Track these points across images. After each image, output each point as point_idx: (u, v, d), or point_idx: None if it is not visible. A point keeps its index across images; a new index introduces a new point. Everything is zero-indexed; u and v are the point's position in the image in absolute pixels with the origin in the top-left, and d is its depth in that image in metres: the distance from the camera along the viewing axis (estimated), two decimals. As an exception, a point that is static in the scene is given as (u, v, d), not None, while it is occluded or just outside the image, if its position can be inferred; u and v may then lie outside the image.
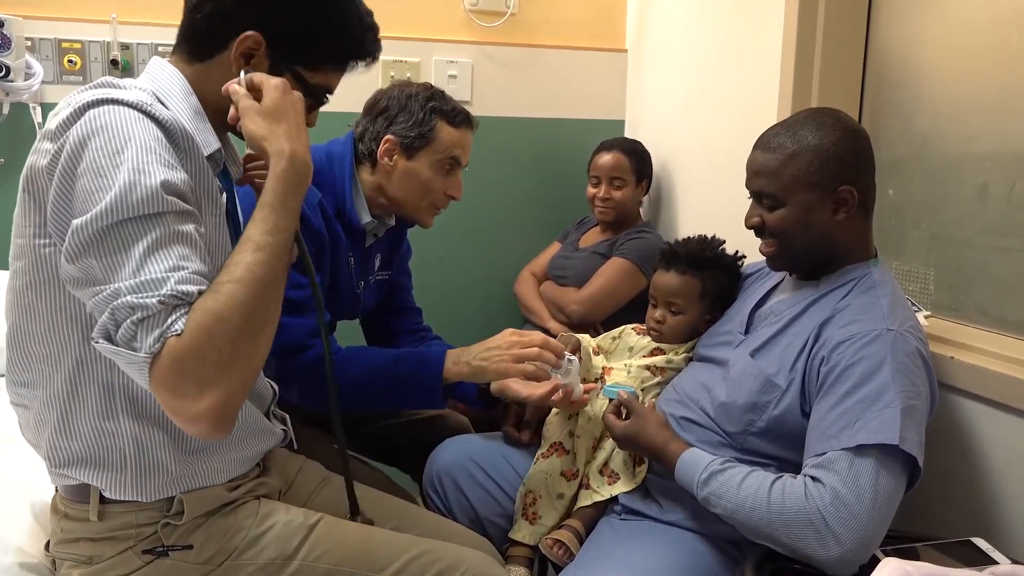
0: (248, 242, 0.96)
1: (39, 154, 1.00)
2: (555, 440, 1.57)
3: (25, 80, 2.16)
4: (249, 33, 1.07)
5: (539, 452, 1.58)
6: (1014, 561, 1.20)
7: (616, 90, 2.74)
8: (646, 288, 2.15)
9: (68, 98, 1.02)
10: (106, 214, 0.90)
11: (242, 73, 1.07)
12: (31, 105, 2.19)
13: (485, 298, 2.68)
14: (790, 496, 1.19)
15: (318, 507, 1.26)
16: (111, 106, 0.97)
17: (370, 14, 1.17)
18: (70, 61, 2.23)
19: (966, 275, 1.64)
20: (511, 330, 1.49)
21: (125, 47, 2.26)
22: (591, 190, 2.38)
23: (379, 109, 1.61)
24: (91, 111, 0.96)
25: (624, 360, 1.62)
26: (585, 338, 1.63)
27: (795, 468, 1.27)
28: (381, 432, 1.81)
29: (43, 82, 2.20)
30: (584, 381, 1.58)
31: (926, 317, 1.66)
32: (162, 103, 1.05)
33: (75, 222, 0.92)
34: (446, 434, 1.74)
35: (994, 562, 1.19)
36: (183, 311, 0.89)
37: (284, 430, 1.27)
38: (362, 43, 1.15)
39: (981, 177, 1.61)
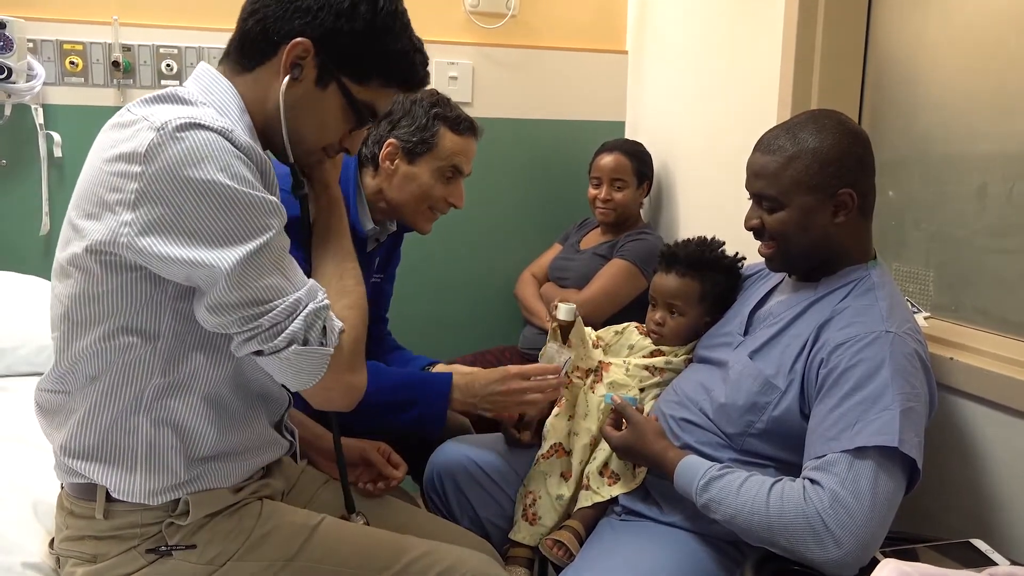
0: (349, 276, 1.17)
1: (118, 175, 0.98)
2: (555, 441, 1.57)
3: (27, 82, 2.16)
4: (299, 40, 1.07)
5: (539, 453, 1.58)
6: (1013, 562, 1.20)
7: (616, 92, 2.75)
8: (647, 289, 2.15)
9: (141, 112, 1.02)
10: (246, 242, 0.99)
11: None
12: (33, 106, 2.20)
13: (486, 299, 2.69)
14: (789, 499, 1.19)
15: (319, 508, 1.27)
16: (200, 132, 0.98)
17: (421, 43, 1.17)
18: (72, 63, 2.24)
19: (966, 276, 1.64)
20: (512, 371, 1.50)
21: (127, 49, 2.27)
22: (592, 191, 2.39)
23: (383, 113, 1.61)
24: (183, 137, 0.97)
25: (623, 357, 1.62)
26: (588, 331, 1.63)
27: (795, 470, 1.27)
28: (381, 433, 1.81)
29: (45, 83, 2.21)
30: (577, 368, 1.59)
31: (926, 318, 1.66)
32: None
33: (223, 260, 0.97)
34: (446, 435, 1.73)
35: (993, 563, 1.19)
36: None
37: (291, 442, 1.28)
38: (412, 65, 1.15)
39: (981, 178, 1.61)
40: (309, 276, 1.11)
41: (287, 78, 1.08)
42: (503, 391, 1.49)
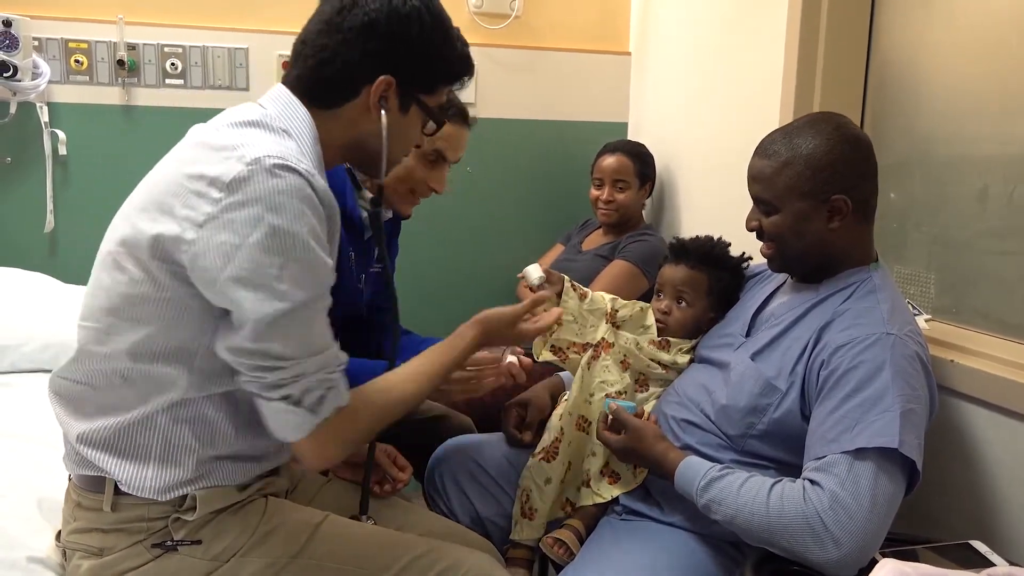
0: (426, 375, 1.22)
1: (196, 194, 1.02)
2: (546, 444, 1.57)
3: (32, 80, 2.17)
4: (384, 77, 1.13)
5: (532, 454, 1.58)
6: (1012, 563, 1.20)
7: (619, 93, 2.75)
8: (648, 291, 2.16)
9: (233, 137, 1.06)
10: (288, 299, 1.01)
11: None
12: (38, 104, 2.21)
13: (488, 300, 2.65)
14: (789, 500, 1.20)
15: (321, 506, 1.28)
16: (288, 175, 1.02)
17: (460, 33, 1.23)
18: (77, 61, 2.25)
19: (967, 278, 1.65)
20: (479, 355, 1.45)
21: (132, 47, 2.28)
22: (594, 192, 2.39)
23: None
24: (270, 177, 1.01)
25: (638, 332, 1.60)
26: (605, 297, 1.60)
27: (795, 471, 1.27)
28: (383, 433, 1.81)
29: (50, 82, 2.22)
30: (573, 344, 1.56)
31: (926, 320, 1.67)
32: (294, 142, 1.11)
33: (257, 309, 1.00)
34: (448, 435, 1.74)
35: (992, 564, 1.20)
36: (344, 379, 1.11)
37: None
38: (467, 62, 1.23)
39: (982, 180, 1.61)
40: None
41: (384, 115, 1.15)
42: (446, 388, 1.45)
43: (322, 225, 1.06)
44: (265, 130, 1.09)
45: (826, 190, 1.32)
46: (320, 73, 1.14)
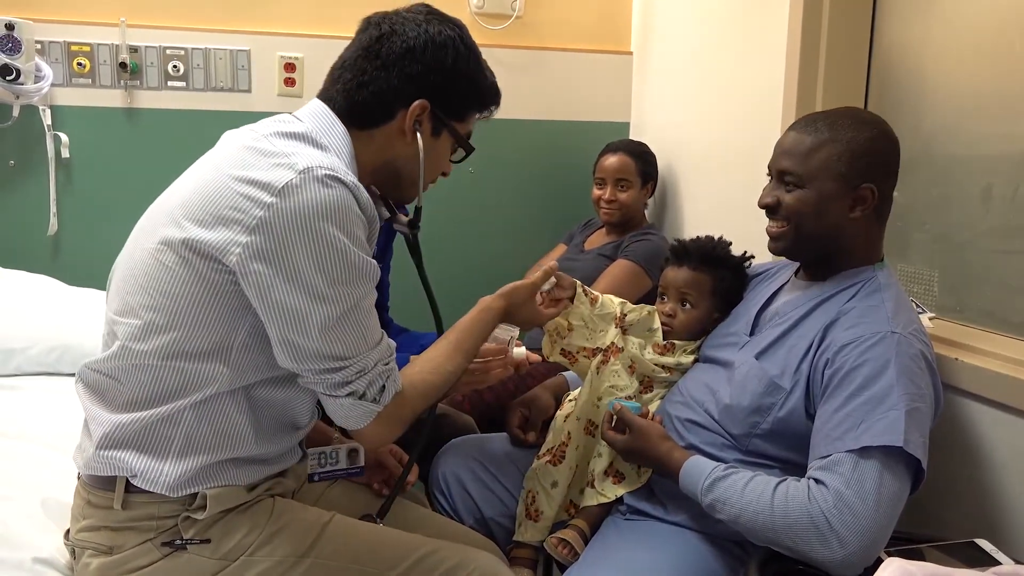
0: (461, 350, 1.28)
1: (246, 197, 1.05)
2: (552, 446, 1.57)
3: (35, 83, 2.18)
4: (419, 102, 1.19)
5: (536, 455, 1.58)
6: (1017, 562, 1.20)
7: (621, 92, 2.75)
8: (651, 290, 2.16)
9: (282, 146, 1.10)
10: (342, 302, 1.07)
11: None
12: (41, 108, 2.21)
13: (490, 299, 2.69)
14: (793, 499, 1.20)
15: (327, 506, 1.28)
16: (337, 187, 1.06)
17: (487, 65, 1.29)
18: (79, 64, 2.25)
19: (970, 277, 1.65)
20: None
21: (134, 50, 2.28)
22: (596, 192, 2.39)
23: None
24: (321, 187, 1.05)
25: (642, 337, 1.60)
26: (614, 300, 1.59)
27: (800, 470, 1.27)
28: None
29: (53, 85, 2.22)
30: (583, 348, 1.56)
31: (930, 319, 1.67)
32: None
33: (316, 313, 1.05)
34: (451, 435, 1.74)
35: (997, 563, 1.20)
36: (396, 364, 1.17)
37: (305, 453, 1.32)
38: (496, 91, 1.29)
39: (985, 179, 1.61)
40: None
41: (420, 138, 1.20)
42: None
43: (365, 234, 1.11)
44: (310, 144, 1.14)
45: (859, 177, 1.33)
46: (359, 95, 1.19)
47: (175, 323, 1.09)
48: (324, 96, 1.22)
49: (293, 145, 1.12)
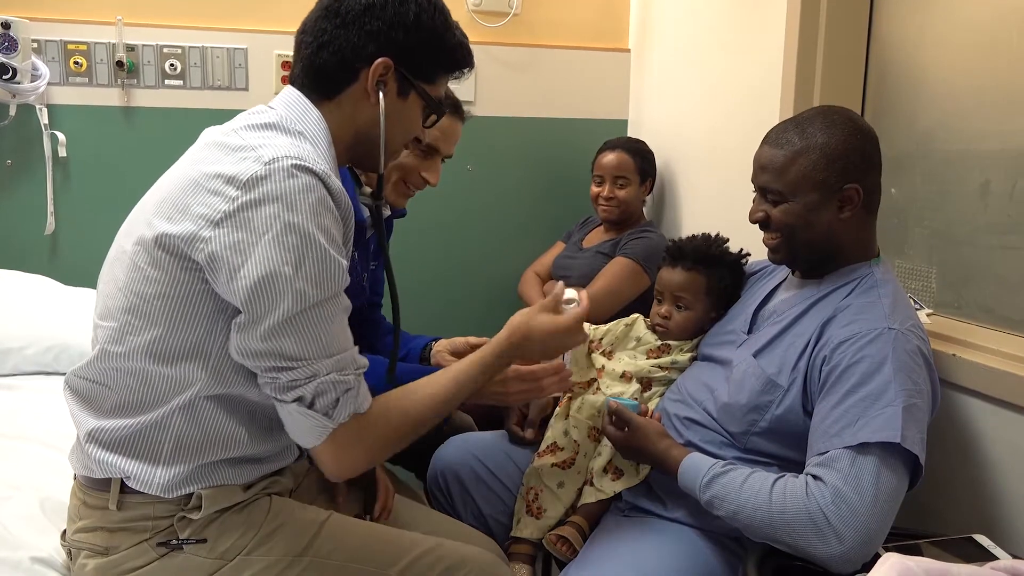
0: (456, 379, 1.19)
1: (212, 192, 1.03)
2: (552, 441, 1.57)
3: (31, 82, 2.17)
4: (380, 60, 1.13)
5: (536, 452, 1.59)
6: (1015, 557, 1.20)
7: (619, 90, 2.75)
8: (650, 288, 2.16)
9: (250, 139, 1.07)
10: (303, 297, 1.01)
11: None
12: (37, 107, 2.21)
13: (489, 298, 2.69)
14: (791, 495, 1.20)
15: (324, 505, 1.28)
16: (304, 176, 1.03)
17: (459, 27, 1.24)
18: (76, 63, 2.25)
19: (968, 273, 1.64)
20: (511, 374, 1.37)
21: (131, 49, 2.28)
22: (595, 189, 2.39)
23: None
24: (287, 177, 1.02)
25: (629, 348, 1.61)
26: (588, 330, 1.60)
27: (798, 467, 1.27)
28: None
29: (49, 84, 2.22)
30: (578, 384, 1.59)
31: (928, 315, 1.67)
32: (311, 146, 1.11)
33: (274, 307, 1.00)
34: (450, 432, 1.74)
35: (995, 558, 1.20)
36: (363, 384, 1.10)
37: (302, 451, 1.29)
38: (466, 51, 1.23)
39: (983, 175, 1.61)
40: (379, 281, 1.14)
41: (381, 97, 1.15)
42: (504, 392, 1.46)
43: (337, 227, 1.07)
44: (282, 132, 1.10)
45: (840, 180, 1.32)
46: (319, 58, 1.14)
47: (148, 324, 1.07)
48: (292, 75, 1.18)
49: (262, 136, 1.09)
